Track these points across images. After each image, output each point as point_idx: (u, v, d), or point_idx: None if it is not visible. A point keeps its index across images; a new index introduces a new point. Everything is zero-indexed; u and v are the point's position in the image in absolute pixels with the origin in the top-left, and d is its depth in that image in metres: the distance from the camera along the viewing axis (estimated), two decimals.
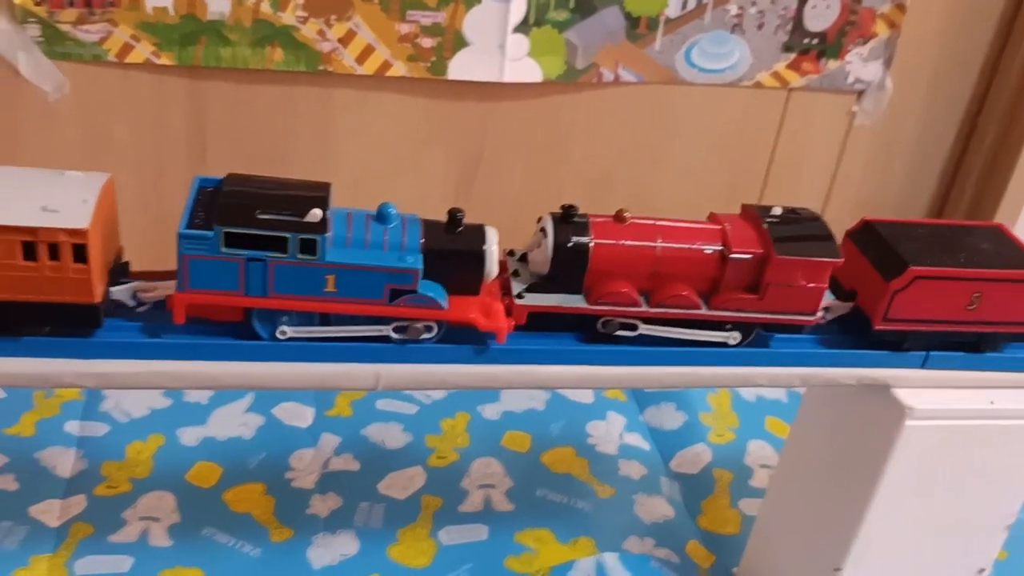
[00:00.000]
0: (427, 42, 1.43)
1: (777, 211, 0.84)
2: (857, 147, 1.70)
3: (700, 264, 0.82)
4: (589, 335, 0.82)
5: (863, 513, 0.94)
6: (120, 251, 0.78)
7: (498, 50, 1.45)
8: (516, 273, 0.84)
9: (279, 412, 1.35)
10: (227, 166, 1.44)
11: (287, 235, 0.71)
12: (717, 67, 1.57)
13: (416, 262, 0.74)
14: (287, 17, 1.35)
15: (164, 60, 1.34)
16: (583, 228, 0.80)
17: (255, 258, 0.71)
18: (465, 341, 0.79)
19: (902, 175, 1.76)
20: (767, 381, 0.87)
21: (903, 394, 0.90)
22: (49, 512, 1.15)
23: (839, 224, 0.91)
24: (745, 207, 0.86)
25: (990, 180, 1.72)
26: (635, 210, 0.82)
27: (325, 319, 0.77)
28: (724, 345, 0.84)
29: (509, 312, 0.80)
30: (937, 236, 0.87)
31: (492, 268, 0.77)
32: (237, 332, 0.76)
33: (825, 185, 1.73)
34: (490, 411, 1.40)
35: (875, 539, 0.95)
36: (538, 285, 0.81)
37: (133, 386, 0.74)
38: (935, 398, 0.90)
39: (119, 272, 0.76)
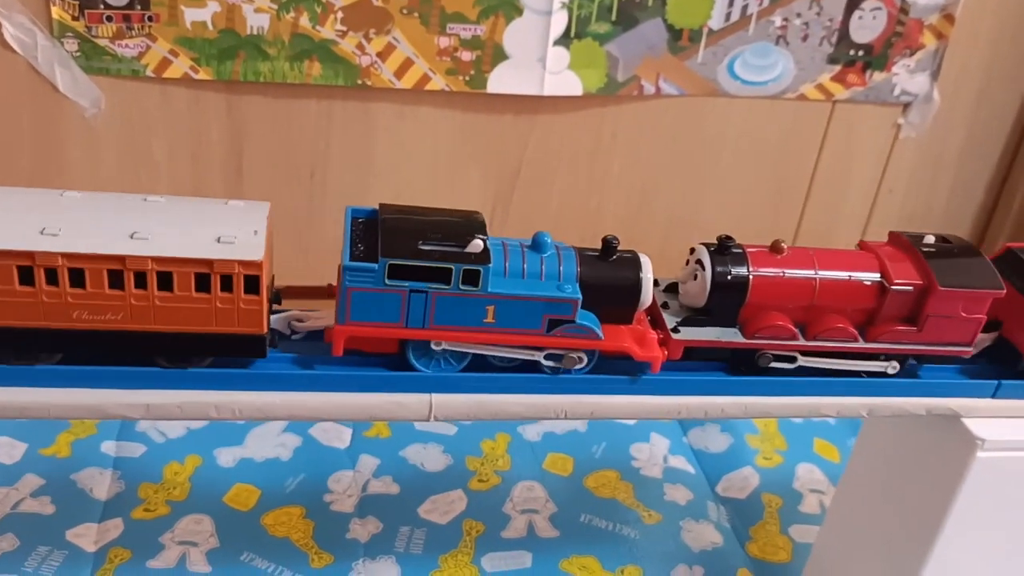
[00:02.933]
0: (466, 55, 1.40)
1: (930, 239, 0.82)
2: (902, 160, 1.66)
3: (858, 295, 0.80)
4: (740, 367, 0.81)
5: (930, 547, 0.90)
6: (273, 278, 0.77)
7: (538, 63, 1.43)
8: (665, 305, 0.82)
9: (316, 432, 1.33)
10: (264, 180, 1.44)
11: (451, 266, 0.70)
12: (760, 79, 1.54)
13: (575, 292, 0.73)
14: (326, 31, 1.33)
15: (202, 75, 1.32)
16: (741, 259, 0.78)
17: (417, 289, 0.70)
18: (614, 371, 0.78)
19: (948, 188, 1.72)
20: (834, 412, 0.84)
21: (974, 424, 0.86)
22: (86, 536, 1.13)
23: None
24: (894, 234, 0.84)
25: None
26: (676, 223, 0.80)
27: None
28: (883, 375, 0.83)
29: (662, 344, 0.78)
30: None
31: (647, 298, 0.76)
32: (392, 364, 0.76)
33: (869, 198, 1.69)
34: (531, 432, 1.37)
35: (942, 574, 0.92)
36: (692, 319, 0.80)
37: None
38: (1008, 429, 0.86)
39: (274, 300, 0.76)
